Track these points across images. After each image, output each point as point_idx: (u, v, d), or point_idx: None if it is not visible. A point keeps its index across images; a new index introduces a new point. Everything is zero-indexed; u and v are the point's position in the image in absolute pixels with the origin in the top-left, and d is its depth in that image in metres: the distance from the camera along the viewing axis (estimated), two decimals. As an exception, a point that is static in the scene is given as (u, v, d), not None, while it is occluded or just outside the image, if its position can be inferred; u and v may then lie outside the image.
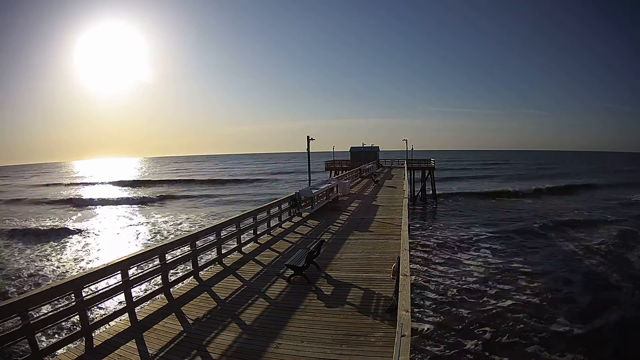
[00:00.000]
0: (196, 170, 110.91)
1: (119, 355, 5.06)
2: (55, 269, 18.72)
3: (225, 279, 8.15)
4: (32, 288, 15.12)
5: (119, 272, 6.13)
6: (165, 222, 31.21)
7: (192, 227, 27.72)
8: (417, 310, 12.44)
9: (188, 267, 8.40)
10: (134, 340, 5.45)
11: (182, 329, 5.84)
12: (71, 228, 28.74)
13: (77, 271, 17.55)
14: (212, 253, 9.40)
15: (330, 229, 12.79)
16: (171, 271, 7.47)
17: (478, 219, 29.52)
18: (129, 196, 51.26)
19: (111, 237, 26.38)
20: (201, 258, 8.94)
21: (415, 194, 40.83)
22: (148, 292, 7.22)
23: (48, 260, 20.38)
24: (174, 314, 6.39)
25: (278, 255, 9.80)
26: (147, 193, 53.99)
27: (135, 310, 6.32)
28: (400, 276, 5.27)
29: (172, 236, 24.06)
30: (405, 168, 34.63)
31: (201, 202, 45.03)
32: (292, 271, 7.86)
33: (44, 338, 9.38)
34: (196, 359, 4.97)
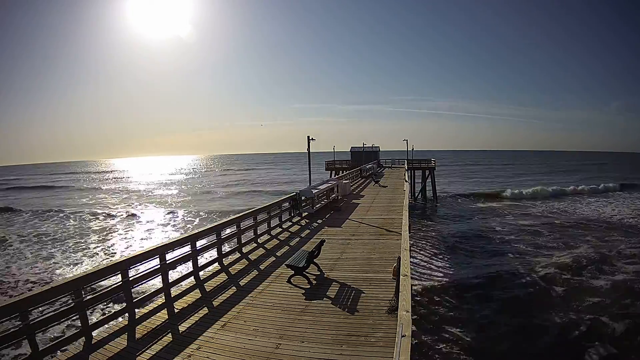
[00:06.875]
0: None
1: (118, 355, 5.06)
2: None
3: (225, 279, 8.14)
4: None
5: (119, 272, 6.14)
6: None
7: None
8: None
9: (188, 267, 8.40)
10: (133, 340, 5.45)
11: (181, 329, 5.84)
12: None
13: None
14: (213, 253, 9.40)
15: (331, 229, 12.77)
16: (171, 271, 7.48)
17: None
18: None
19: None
20: (201, 258, 8.93)
21: (416, 195, 40.81)
22: (148, 292, 7.21)
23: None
24: (173, 314, 6.39)
25: (278, 256, 9.79)
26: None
27: (135, 311, 6.31)
28: (401, 276, 5.27)
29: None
30: (406, 168, 34.63)
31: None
32: (293, 271, 7.86)
33: (44, 338, 9.38)
34: (196, 359, 4.98)
